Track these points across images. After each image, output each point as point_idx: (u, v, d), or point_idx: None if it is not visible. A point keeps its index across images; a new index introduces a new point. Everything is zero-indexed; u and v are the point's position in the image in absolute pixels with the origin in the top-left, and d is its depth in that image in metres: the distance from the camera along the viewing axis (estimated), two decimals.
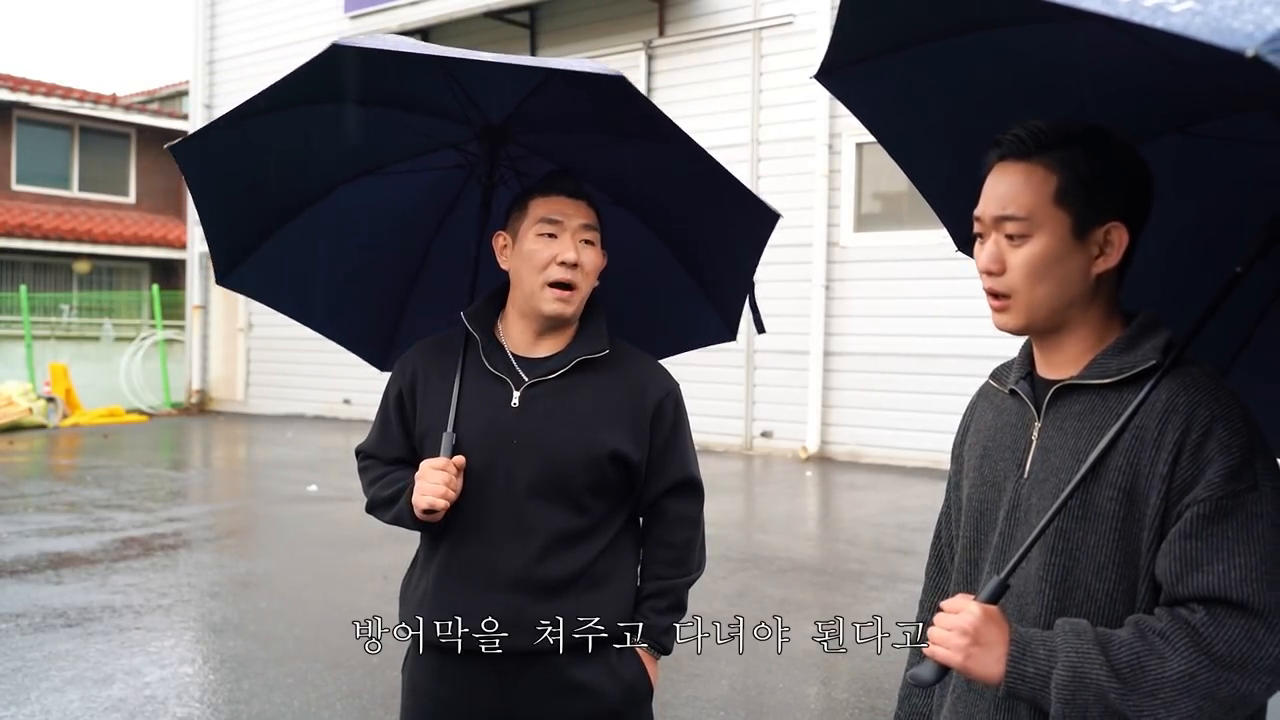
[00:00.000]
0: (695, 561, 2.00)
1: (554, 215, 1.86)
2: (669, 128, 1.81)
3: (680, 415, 1.99)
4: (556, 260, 1.83)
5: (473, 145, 2.06)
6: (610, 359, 1.92)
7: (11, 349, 16.15)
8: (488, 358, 1.90)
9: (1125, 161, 1.38)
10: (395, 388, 1.99)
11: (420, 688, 1.95)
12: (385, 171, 2.14)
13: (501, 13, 12.34)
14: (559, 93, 1.87)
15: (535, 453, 1.85)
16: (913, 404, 10.14)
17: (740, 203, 2.01)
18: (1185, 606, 1.26)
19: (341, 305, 2.33)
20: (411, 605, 1.95)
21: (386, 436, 1.99)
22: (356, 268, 2.28)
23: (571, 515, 1.87)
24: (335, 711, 3.91)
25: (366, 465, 2.03)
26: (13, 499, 8.35)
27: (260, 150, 1.98)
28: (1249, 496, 1.25)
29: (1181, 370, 1.34)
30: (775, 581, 5.72)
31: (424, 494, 1.80)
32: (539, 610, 1.84)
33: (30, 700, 3.96)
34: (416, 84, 1.92)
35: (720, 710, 3.94)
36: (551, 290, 1.85)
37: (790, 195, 10.95)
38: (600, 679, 1.87)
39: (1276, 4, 0.91)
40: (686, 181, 2.03)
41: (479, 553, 1.86)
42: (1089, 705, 1.24)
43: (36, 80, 20.73)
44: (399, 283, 2.31)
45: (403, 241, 2.27)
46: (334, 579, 5.92)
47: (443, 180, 2.18)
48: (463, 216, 2.22)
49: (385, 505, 1.94)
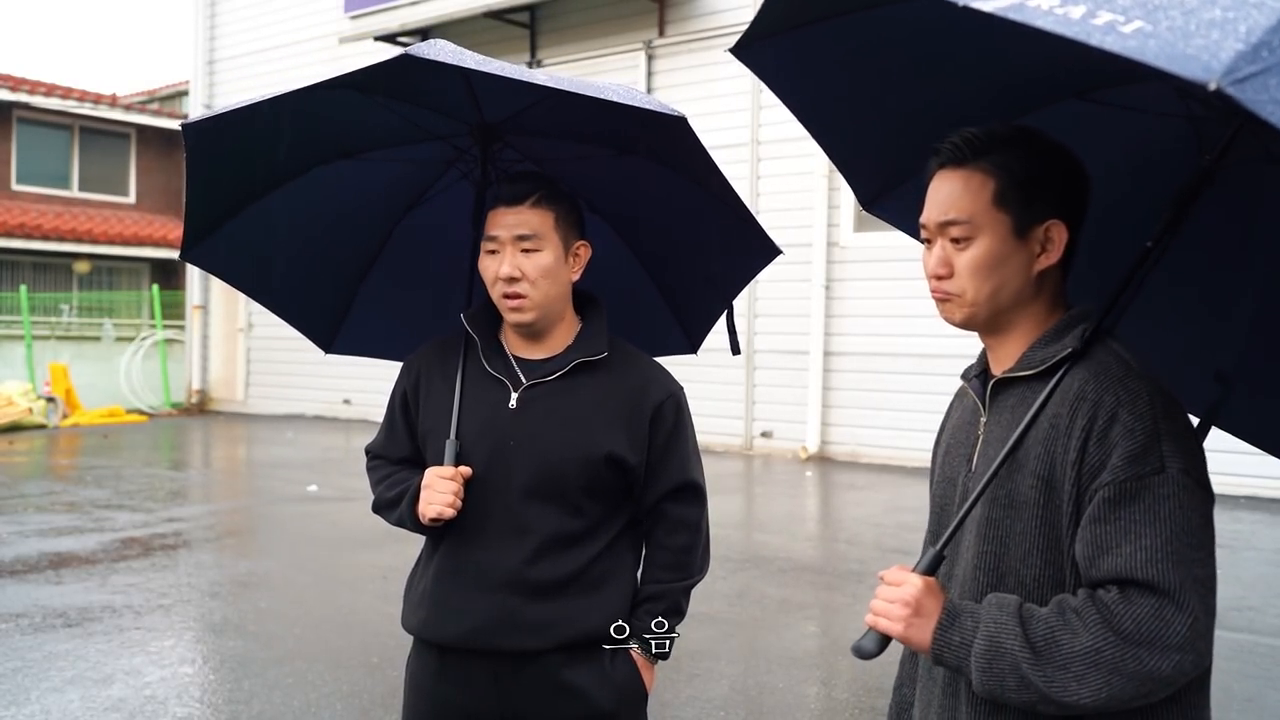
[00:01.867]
0: (695, 566, 1.99)
1: (493, 232, 1.88)
2: (708, 168, 1.83)
3: (681, 418, 1.97)
4: (497, 276, 1.86)
5: (463, 141, 2.06)
6: (610, 361, 1.92)
7: (11, 349, 16.15)
8: (488, 359, 1.91)
9: (1059, 160, 1.43)
10: (400, 389, 2.01)
11: (421, 686, 1.97)
12: (364, 156, 2.13)
13: (501, 13, 12.34)
14: (572, 105, 1.85)
15: (531, 454, 1.85)
16: (913, 404, 10.14)
17: (741, 236, 2.04)
18: (1102, 587, 1.30)
19: (295, 283, 2.32)
20: (412, 604, 1.97)
21: (393, 437, 2.02)
22: (316, 248, 2.27)
23: (567, 517, 1.87)
24: (335, 711, 3.91)
25: (374, 464, 2.05)
26: (13, 499, 8.35)
27: (254, 131, 1.98)
28: (1154, 479, 1.29)
29: (1097, 357, 1.38)
30: (775, 581, 5.72)
31: (431, 503, 1.83)
32: (533, 611, 1.85)
33: (30, 700, 3.96)
34: (430, 80, 1.91)
35: (720, 710, 3.95)
36: (505, 302, 1.88)
37: (790, 195, 10.97)
38: (592, 681, 1.87)
39: (1222, 26, 0.91)
40: (687, 208, 2.05)
41: (475, 553, 1.88)
42: (1005, 675, 1.29)
43: (36, 80, 20.73)
44: (355, 266, 2.30)
45: (366, 225, 2.27)
46: (334, 579, 5.92)
47: (420, 171, 2.18)
48: (432, 208, 2.23)
49: (389, 506, 1.97)
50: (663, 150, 1.95)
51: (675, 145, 1.84)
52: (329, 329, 2.38)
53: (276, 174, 2.10)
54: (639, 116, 1.77)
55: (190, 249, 2.11)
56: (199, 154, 1.97)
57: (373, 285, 2.32)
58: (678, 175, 1.98)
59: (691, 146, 1.78)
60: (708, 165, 1.83)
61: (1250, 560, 6.34)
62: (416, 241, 2.28)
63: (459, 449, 1.86)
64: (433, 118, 2.03)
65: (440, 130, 2.06)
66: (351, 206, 2.22)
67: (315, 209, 2.18)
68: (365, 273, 2.31)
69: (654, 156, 1.98)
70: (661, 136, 1.84)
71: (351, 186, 2.18)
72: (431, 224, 2.25)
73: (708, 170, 1.85)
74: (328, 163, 2.13)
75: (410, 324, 2.32)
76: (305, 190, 2.13)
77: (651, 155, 1.98)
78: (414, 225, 2.26)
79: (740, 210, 1.97)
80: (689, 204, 2.04)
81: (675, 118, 1.68)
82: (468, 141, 2.06)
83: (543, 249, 1.86)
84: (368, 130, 2.08)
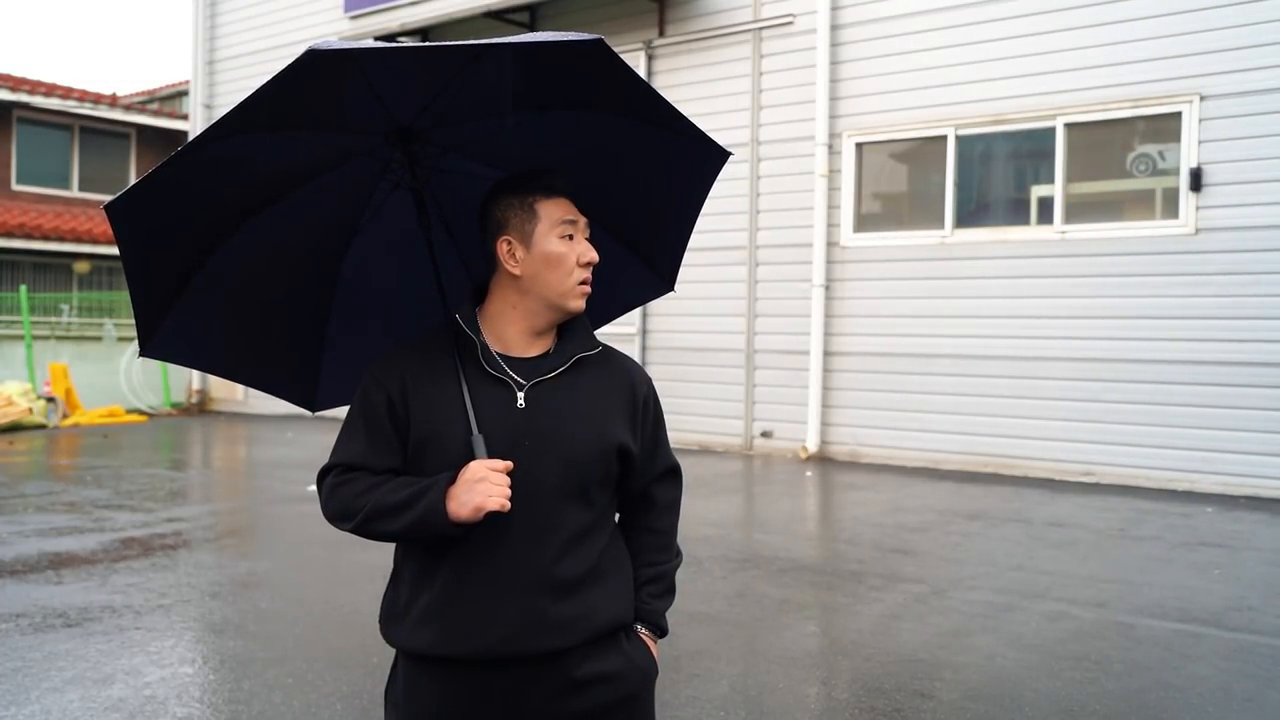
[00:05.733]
0: (677, 546, 2.09)
1: (570, 216, 1.90)
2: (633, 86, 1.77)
3: (659, 405, 2.06)
4: (580, 261, 1.90)
5: (383, 151, 1.98)
6: (600, 355, 1.97)
7: (11, 349, 16.14)
8: (485, 359, 1.89)
9: None
10: (382, 394, 1.88)
11: (422, 711, 1.88)
12: (292, 197, 2.01)
13: (501, 13, 12.35)
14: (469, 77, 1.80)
15: (549, 452, 1.84)
16: (913, 404, 10.15)
17: (683, 153, 2.00)
18: None
19: (261, 353, 2.21)
20: (412, 623, 1.87)
21: (377, 446, 1.87)
22: (267, 311, 2.15)
23: (583, 511, 1.88)
24: (335, 711, 3.91)
25: (348, 478, 1.87)
26: (13, 499, 8.35)
27: (169, 199, 1.86)
28: None
29: None
30: (775, 581, 5.72)
31: (491, 495, 1.74)
32: (560, 609, 1.84)
33: (30, 700, 3.96)
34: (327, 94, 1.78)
35: (720, 710, 3.94)
36: (580, 288, 1.91)
37: (790, 195, 10.97)
38: (618, 666, 1.91)
39: None
40: (624, 148, 2.00)
41: (499, 557, 1.83)
42: None
43: (36, 80, 20.74)
44: (313, 316, 2.19)
45: (309, 271, 2.15)
46: (334, 579, 5.92)
47: (352, 195, 2.09)
48: (371, 233, 2.14)
49: (398, 510, 1.80)
50: (581, 90, 1.87)
51: (596, 77, 1.76)
52: (309, 388, 2.27)
53: (207, 237, 1.97)
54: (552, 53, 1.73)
55: (146, 344, 2.01)
56: (126, 237, 1.85)
57: (335, 328, 2.22)
58: (602, 114, 1.91)
59: (613, 71, 1.73)
60: (632, 83, 1.77)
61: (1250, 560, 6.34)
62: (367, 270, 2.18)
63: (474, 444, 1.81)
64: (348, 137, 1.94)
65: (357, 147, 1.97)
66: (295, 254, 2.09)
67: (257, 267, 2.05)
68: (325, 319, 2.20)
69: (575, 104, 1.92)
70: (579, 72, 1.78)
71: (289, 232, 2.05)
72: (376, 246, 2.16)
73: (633, 91, 1.79)
74: (257, 213, 1.97)
75: (376, 351, 2.13)
76: (242, 248, 2.00)
77: (572, 104, 1.91)
78: (361, 255, 2.17)
79: (676, 123, 1.90)
80: (625, 142, 1.98)
81: (593, 41, 1.64)
82: (387, 150, 1.97)
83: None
84: (287, 168, 1.96)
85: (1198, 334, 8.77)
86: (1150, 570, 6.07)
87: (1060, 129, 9.46)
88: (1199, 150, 8.79)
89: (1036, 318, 9.53)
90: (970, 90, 9.91)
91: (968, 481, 9.18)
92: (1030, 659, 4.50)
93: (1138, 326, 9.06)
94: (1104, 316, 9.20)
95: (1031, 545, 6.69)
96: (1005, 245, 9.79)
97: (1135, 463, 9.02)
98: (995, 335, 9.76)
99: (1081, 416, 9.28)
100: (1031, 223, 9.77)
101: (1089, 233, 9.36)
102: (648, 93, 1.82)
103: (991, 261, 9.81)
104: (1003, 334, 9.71)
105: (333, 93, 1.77)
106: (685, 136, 1.96)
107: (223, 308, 2.08)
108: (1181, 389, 8.83)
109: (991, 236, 9.92)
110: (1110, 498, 8.45)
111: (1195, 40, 8.78)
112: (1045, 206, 9.69)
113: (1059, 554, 6.44)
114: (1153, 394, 8.97)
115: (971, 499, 8.26)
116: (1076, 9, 9.34)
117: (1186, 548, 6.67)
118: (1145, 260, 9.04)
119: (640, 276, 2.27)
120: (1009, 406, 9.65)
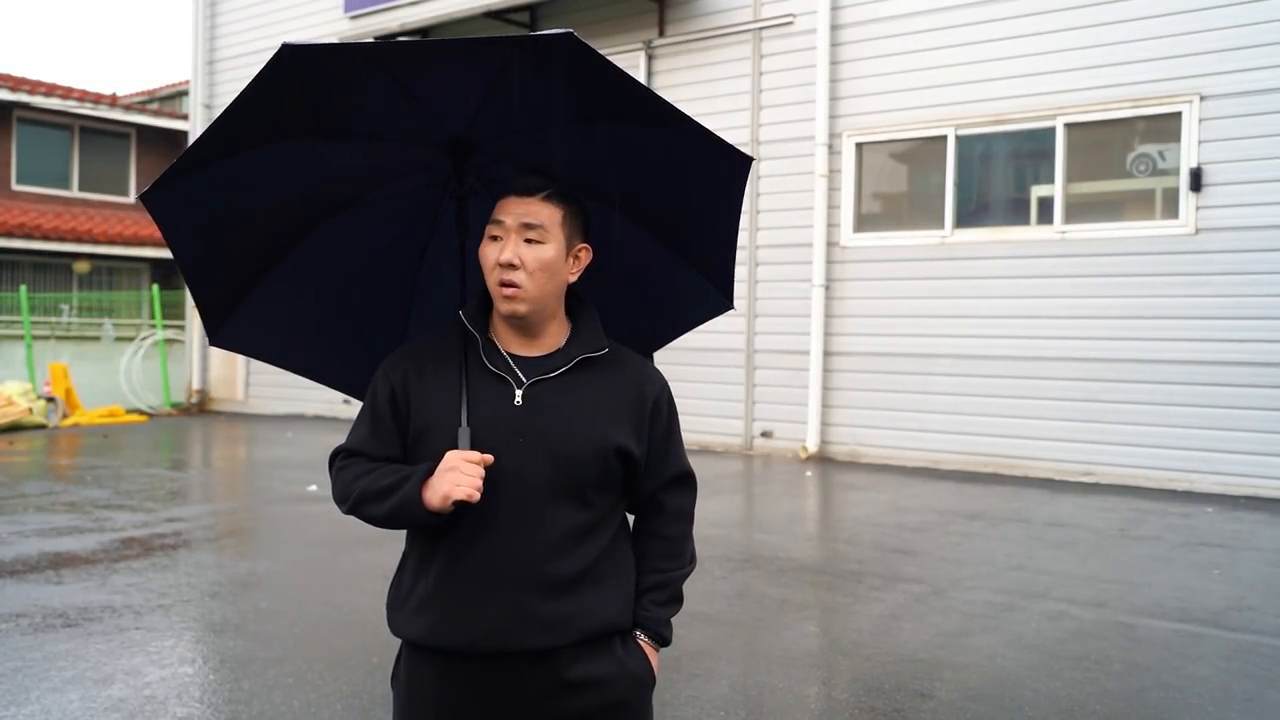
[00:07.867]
0: (689, 554, 2.04)
1: (499, 217, 1.88)
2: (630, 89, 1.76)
3: (673, 411, 2.03)
4: (496, 262, 1.86)
5: (441, 162, 2.02)
6: (607, 357, 1.95)
7: (11, 349, 16.15)
8: (487, 357, 1.91)
9: None
10: (386, 386, 1.94)
11: (423, 698, 1.91)
12: (361, 205, 2.08)
13: (501, 13, 12.35)
14: (516, 84, 1.81)
15: (543, 450, 1.85)
16: (913, 404, 10.15)
17: (713, 158, 1.96)
18: None
19: (338, 353, 2.26)
20: (410, 611, 1.91)
21: (377, 435, 1.93)
22: (347, 312, 2.22)
23: (578, 511, 1.87)
24: (335, 711, 3.91)
25: (349, 461, 1.94)
26: (13, 499, 8.35)
27: (235, 194, 1.91)
28: None
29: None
30: (775, 581, 5.72)
31: (459, 485, 1.76)
32: (550, 608, 1.84)
33: (30, 700, 3.96)
34: (373, 108, 1.85)
35: (720, 710, 3.94)
36: (500, 289, 1.87)
37: (790, 195, 10.98)
38: (608, 671, 1.89)
39: None
40: (657, 153, 1.99)
41: (487, 551, 1.85)
42: None
43: (36, 80, 20.73)
44: (393, 319, 2.26)
45: (388, 277, 2.22)
46: (334, 579, 5.92)
47: (418, 206, 2.14)
48: (440, 240, 2.19)
49: (380, 496, 1.85)
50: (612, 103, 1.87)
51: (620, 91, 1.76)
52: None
53: (280, 236, 2.04)
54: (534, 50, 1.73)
55: (215, 333, 2.09)
56: (179, 229, 1.90)
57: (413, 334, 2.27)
58: (634, 124, 1.91)
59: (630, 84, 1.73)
60: (652, 100, 1.77)
61: (1250, 560, 6.35)
62: (441, 277, 2.23)
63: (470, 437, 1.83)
64: (407, 148, 2.00)
65: (418, 159, 2.02)
66: (375, 259, 2.17)
67: (338, 268, 2.13)
68: (405, 324, 2.27)
69: (610, 115, 1.91)
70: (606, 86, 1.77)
71: (368, 236, 2.12)
72: (445, 254, 2.20)
73: (654, 106, 1.79)
74: (331, 218, 2.06)
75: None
76: (321, 248, 2.08)
77: (609, 115, 1.91)
78: (433, 262, 2.23)
79: (701, 130, 1.88)
80: (660, 151, 1.96)
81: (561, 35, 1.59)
82: (443, 160, 2.01)
83: (546, 242, 1.87)
84: (356, 174, 2.03)
85: (1198, 334, 8.78)
86: (1150, 570, 6.07)
87: (1060, 129, 9.47)
88: (1199, 150, 8.80)
89: (1036, 318, 9.53)
90: (970, 90, 9.91)
91: (968, 481, 9.18)
92: (1030, 659, 4.50)
93: (1138, 326, 9.06)
94: (1104, 316, 9.20)
95: (1031, 545, 6.69)
96: (1005, 245, 9.79)
97: (1135, 463, 9.02)
98: (995, 335, 9.76)
99: (1081, 416, 9.29)
100: (1031, 223, 9.77)
101: (1089, 233, 9.37)
102: (664, 103, 1.80)
103: (991, 261, 9.81)
104: (1003, 334, 9.71)
105: (370, 101, 1.82)
106: (711, 142, 1.92)
107: (303, 305, 2.14)
108: (1181, 389, 8.83)
109: (991, 236, 9.93)
110: (1110, 498, 8.45)
111: (1195, 40, 8.79)
112: (1045, 206, 9.69)
113: (1059, 554, 6.44)
114: (1153, 394, 8.97)
115: (971, 499, 8.26)
116: (1076, 9, 9.34)
117: (1186, 548, 6.67)
118: (1145, 260, 9.04)
119: (699, 290, 2.22)
120: (1009, 406, 9.65)
